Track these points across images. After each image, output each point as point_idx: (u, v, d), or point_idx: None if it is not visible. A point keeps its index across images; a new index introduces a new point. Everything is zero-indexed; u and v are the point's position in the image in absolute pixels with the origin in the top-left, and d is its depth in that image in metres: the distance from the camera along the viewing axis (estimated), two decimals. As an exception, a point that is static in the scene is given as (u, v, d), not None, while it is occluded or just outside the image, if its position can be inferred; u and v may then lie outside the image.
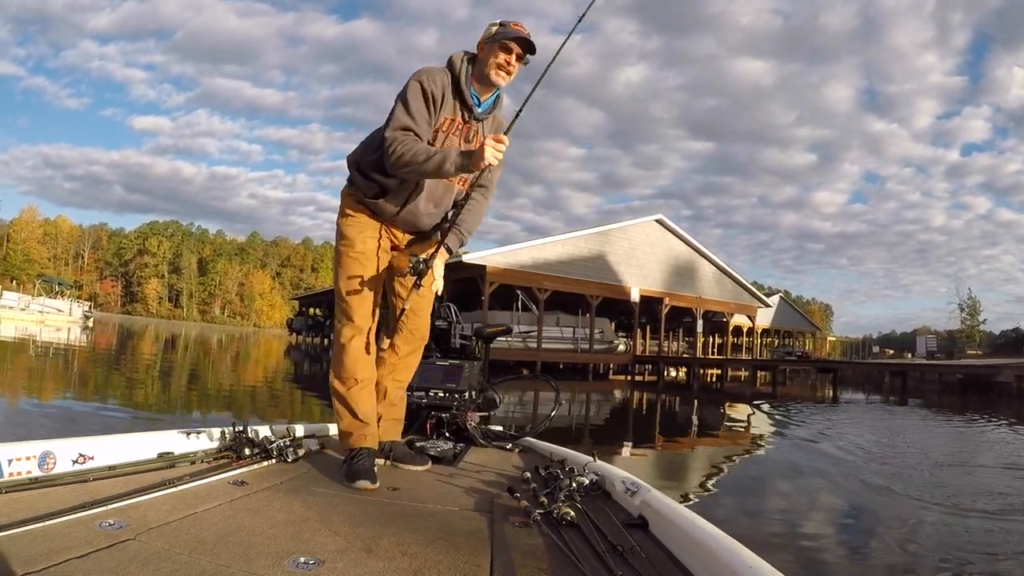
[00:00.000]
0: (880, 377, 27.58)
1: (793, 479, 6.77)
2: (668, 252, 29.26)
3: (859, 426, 11.91)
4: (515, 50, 2.34)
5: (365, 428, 2.42)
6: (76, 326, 37.93)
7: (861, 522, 5.00)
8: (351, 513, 1.88)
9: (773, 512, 5.23)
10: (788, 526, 4.76)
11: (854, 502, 5.63)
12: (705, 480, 6.63)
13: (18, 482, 1.81)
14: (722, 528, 1.55)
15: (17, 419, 6.98)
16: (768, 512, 5.21)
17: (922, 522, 4.81)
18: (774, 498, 5.83)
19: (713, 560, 1.43)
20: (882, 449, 8.81)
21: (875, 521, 4.99)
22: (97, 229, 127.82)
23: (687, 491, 5.80)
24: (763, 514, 5.11)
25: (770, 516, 5.08)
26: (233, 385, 13.58)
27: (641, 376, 27.47)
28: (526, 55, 2.36)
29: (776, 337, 46.95)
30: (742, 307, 33.29)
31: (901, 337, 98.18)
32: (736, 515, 4.94)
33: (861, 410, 16.56)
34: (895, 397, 21.56)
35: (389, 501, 2.06)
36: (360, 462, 2.28)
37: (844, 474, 6.76)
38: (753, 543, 1.45)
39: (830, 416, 13.84)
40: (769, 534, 4.44)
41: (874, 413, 15.80)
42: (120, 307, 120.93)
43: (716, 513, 4.74)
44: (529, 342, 24.35)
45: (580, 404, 15.35)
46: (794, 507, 5.43)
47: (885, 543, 4.32)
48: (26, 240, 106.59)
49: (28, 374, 12.13)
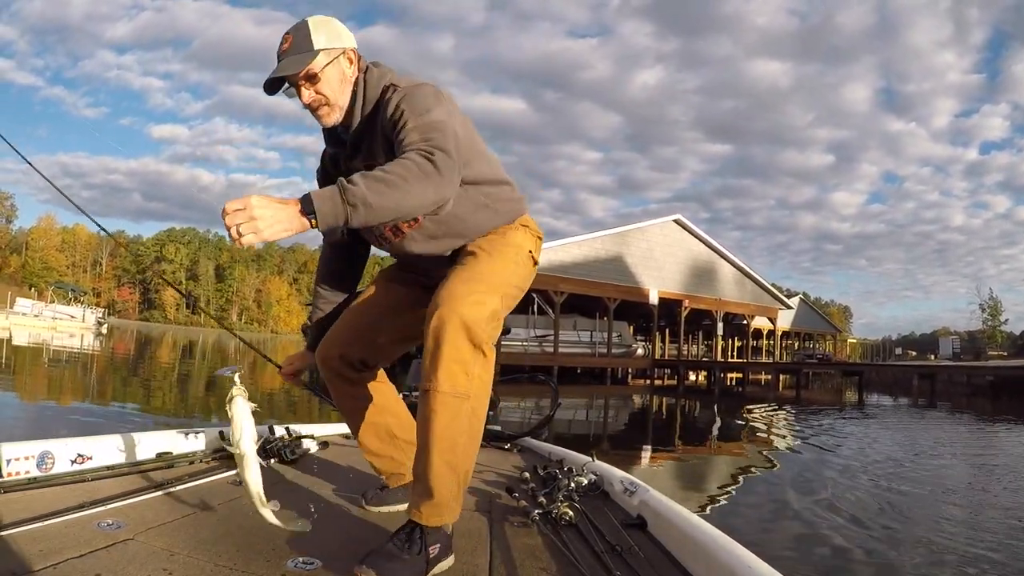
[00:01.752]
0: (908, 380, 26.82)
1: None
2: (687, 253, 28.64)
3: (916, 439, 11.28)
4: (298, 95, 1.67)
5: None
6: (89, 332, 37.96)
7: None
8: (350, 513, 1.89)
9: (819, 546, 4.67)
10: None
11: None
12: (723, 493, 6.12)
13: (17, 482, 1.81)
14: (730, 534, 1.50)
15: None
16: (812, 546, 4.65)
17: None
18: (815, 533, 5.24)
19: (712, 560, 1.42)
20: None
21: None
22: (115, 236, 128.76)
23: (707, 506, 5.31)
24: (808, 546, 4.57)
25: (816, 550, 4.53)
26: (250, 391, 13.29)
27: (660, 380, 27.05)
28: (290, 85, 1.65)
29: (796, 340, 46.23)
30: (763, 309, 32.58)
31: (921, 338, 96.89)
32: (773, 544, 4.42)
33: (900, 416, 15.89)
34: (924, 400, 20.85)
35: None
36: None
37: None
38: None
39: (876, 426, 13.20)
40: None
41: (921, 421, 14.99)
42: (138, 314, 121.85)
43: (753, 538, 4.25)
44: (545, 346, 23.94)
45: (598, 409, 14.86)
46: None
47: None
48: (44, 248, 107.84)
49: (32, 380, 11.87)
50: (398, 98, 1.60)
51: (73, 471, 1.98)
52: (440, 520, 1.49)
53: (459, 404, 1.46)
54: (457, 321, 1.44)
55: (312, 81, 1.63)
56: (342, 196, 1.29)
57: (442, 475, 1.47)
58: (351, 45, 1.70)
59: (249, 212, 1.23)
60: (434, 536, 1.47)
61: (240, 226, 1.23)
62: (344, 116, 1.70)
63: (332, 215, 1.29)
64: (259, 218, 1.23)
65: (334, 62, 1.65)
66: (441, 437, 1.46)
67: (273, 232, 1.25)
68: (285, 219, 1.26)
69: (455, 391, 1.45)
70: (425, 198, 1.41)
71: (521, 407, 12.72)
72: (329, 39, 1.65)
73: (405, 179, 1.36)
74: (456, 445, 1.47)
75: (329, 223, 1.29)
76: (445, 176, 1.43)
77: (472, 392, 1.47)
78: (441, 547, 1.48)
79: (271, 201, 1.26)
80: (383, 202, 1.33)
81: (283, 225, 1.26)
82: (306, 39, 1.62)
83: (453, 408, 1.45)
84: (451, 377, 1.44)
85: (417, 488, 1.51)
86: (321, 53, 1.62)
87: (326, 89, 1.64)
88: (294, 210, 1.27)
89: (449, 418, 1.45)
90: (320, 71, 1.62)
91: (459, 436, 1.47)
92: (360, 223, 1.33)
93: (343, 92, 1.67)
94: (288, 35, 1.65)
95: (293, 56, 1.61)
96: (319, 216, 1.28)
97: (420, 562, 1.42)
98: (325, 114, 1.68)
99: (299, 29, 1.65)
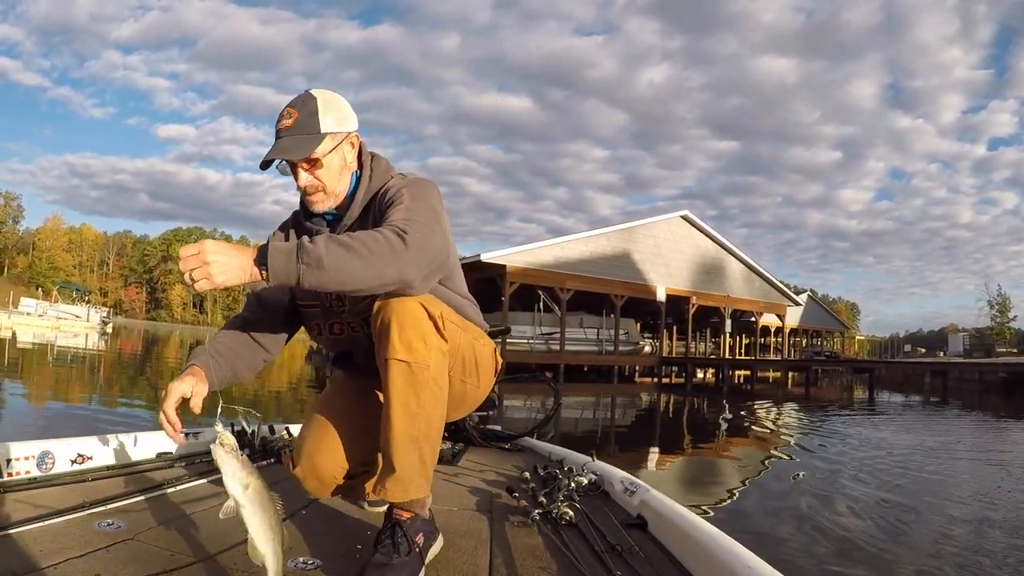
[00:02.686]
0: (920, 377, 26.49)
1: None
2: (695, 249, 28.29)
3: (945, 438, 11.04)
4: (292, 173, 1.56)
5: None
6: (94, 332, 37.98)
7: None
8: (350, 513, 1.87)
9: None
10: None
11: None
12: (728, 495, 5.90)
13: (17, 482, 1.81)
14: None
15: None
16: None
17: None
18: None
19: (712, 560, 1.42)
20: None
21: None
22: (121, 236, 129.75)
23: (712, 506, 5.11)
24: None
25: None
26: (257, 390, 13.17)
27: (668, 379, 26.81)
28: (295, 164, 1.54)
29: (804, 337, 45.95)
30: (771, 306, 32.24)
31: (928, 336, 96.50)
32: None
33: (918, 414, 15.62)
34: (936, 398, 20.56)
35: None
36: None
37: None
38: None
39: (893, 427, 12.94)
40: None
41: (946, 421, 14.69)
42: (145, 313, 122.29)
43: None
44: (551, 344, 23.74)
45: (604, 408, 14.66)
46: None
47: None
48: (51, 248, 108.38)
49: (33, 379, 11.77)
50: (401, 184, 1.55)
51: (73, 471, 1.99)
52: (405, 495, 1.44)
53: (421, 373, 1.41)
54: (414, 301, 1.40)
55: (312, 165, 1.54)
56: (298, 254, 1.24)
57: (404, 448, 1.43)
58: (355, 128, 1.60)
59: (203, 257, 1.21)
60: (414, 526, 1.44)
61: (193, 271, 1.21)
62: (340, 202, 1.61)
63: (284, 272, 1.25)
64: (212, 263, 1.21)
65: (337, 148, 1.55)
66: (402, 409, 1.41)
67: (225, 279, 1.23)
68: (237, 267, 1.24)
69: (415, 359, 1.40)
70: (384, 274, 1.32)
71: (527, 406, 12.57)
72: (337, 122, 1.54)
73: (369, 249, 1.29)
74: (416, 417, 1.42)
75: (280, 279, 1.25)
76: (412, 256, 1.34)
77: (432, 361, 1.42)
78: (425, 534, 1.46)
79: (226, 248, 1.25)
80: (339, 268, 1.26)
81: (234, 273, 1.24)
82: (312, 119, 1.51)
83: (420, 377, 1.41)
84: (408, 344, 1.39)
85: (384, 464, 1.46)
86: (327, 138, 1.52)
87: (325, 176, 1.55)
88: (247, 259, 1.25)
89: (409, 388, 1.40)
90: (323, 157, 1.53)
91: (419, 408, 1.42)
92: (312, 285, 1.26)
93: (342, 180, 1.58)
94: (292, 109, 1.52)
95: (297, 136, 1.50)
96: (271, 270, 1.24)
97: (413, 559, 1.39)
98: (318, 200, 1.58)
99: (304, 104, 1.52)
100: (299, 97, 1.54)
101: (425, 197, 1.50)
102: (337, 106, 1.55)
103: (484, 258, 21.64)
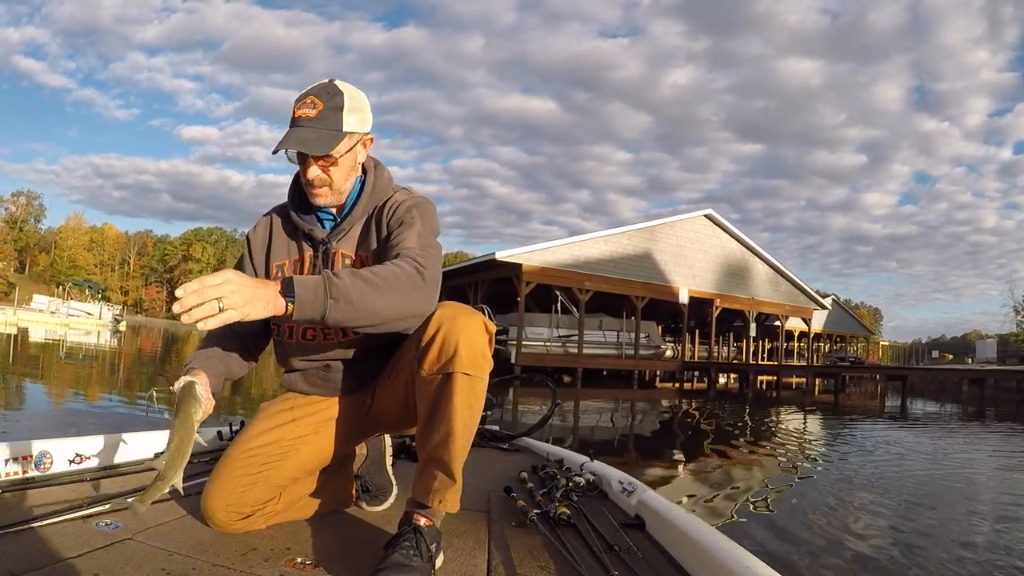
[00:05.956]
0: (957, 385, 25.33)
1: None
2: (719, 250, 27.33)
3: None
4: (299, 162, 1.58)
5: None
6: (105, 330, 37.79)
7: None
8: (348, 513, 1.89)
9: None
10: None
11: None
12: (758, 509, 5.10)
13: (15, 482, 1.83)
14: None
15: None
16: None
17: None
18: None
19: (710, 560, 1.41)
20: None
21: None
22: (143, 236, 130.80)
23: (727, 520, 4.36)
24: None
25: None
26: (269, 390, 12.71)
27: (689, 383, 25.95)
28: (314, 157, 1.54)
29: (828, 341, 44.90)
30: (798, 309, 31.18)
31: (952, 342, 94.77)
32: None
33: (978, 429, 14.62)
34: (973, 407, 19.51)
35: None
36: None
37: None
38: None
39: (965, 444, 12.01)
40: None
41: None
42: (165, 312, 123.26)
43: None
44: (569, 347, 22.97)
45: (624, 414, 13.87)
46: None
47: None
48: (72, 247, 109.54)
49: (36, 377, 11.33)
50: (410, 203, 1.59)
51: (71, 471, 2.01)
52: (457, 505, 1.48)
53: (479, 387, 1.44)
54: (478, 318, 1.44)
55: (327, 161, 1.54)
56: (326, 288, 1.27)
57: (462, 459, 1.46)
58: (370, 129, 1.60)
59: (227, 288, 1.19)
60: (430, 534, 1.42)
61: (221, 300, 1.19)
62: (341, 201, 1.64)
63: (311, 305, 1.26)
64: (236, 292, 1.20)
65: (353, 148, 1.57)
66: (462, 422, 1.43)
67: (253, 310, 1.21)
68: (263, 298, 1.23)
69: (477, 374, 1.43)
70: (405, 311, 1.37)
71: (542, 409, 11.88)
72: (359, 123, 1.56)
73: (391, 286, 1.34)
74: (470, 429, 1.45)
75: (305, 313, 1.27)
76: (430, 292, 1.41)
77: (486, 376, 1.46)
78: (437, 545, 1.44)
79: (250, 279, 1.24)
80: (365, 305, 1.30)
81: (261, 304, 1.23)
82: (336, 115, 1.51)
83: (478, 390, 1.44)
84: (472, 359, 1.41)
85: (441, 475, 1.45)
86: (347, 137, 1.53)
87: (336, 173, 1.56)
88: (272, 291, 1.25)
89: (469, 401, 1.43)
90: (340, 156, 1.54)
91: (472, 420, 1.45)
92: (335, 320, 1.29)
93: (349, 179, 1.60)
94: (317, 99, 1.50)
95: (320, 130, 1.49)
96: (298, 303, 1.25)
97: (428, 566, 1.37)
98: (323, 195, 1.59)
99: (331, 97, 1.52)
100: (323, 86, 1.52)
101: (432, 220, 1.57)
102: (361, 105, 1.56)
103: (499, 256, 20.96)
